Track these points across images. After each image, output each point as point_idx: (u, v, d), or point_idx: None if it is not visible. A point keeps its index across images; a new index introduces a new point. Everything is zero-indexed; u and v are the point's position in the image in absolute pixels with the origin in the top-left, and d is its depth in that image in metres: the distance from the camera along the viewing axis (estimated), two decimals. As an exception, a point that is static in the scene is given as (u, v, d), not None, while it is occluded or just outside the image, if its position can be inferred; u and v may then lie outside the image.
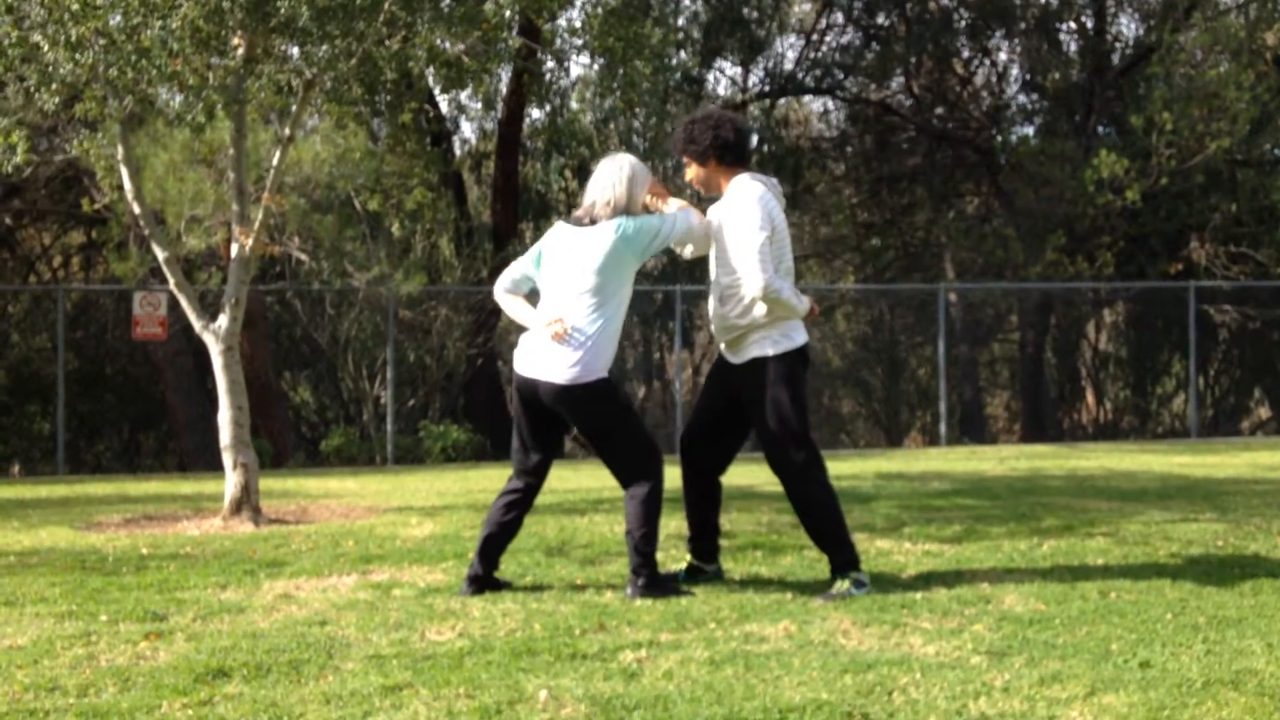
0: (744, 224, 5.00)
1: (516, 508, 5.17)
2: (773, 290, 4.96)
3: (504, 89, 16.90)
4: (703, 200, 5.42)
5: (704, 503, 5.38)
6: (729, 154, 5.16)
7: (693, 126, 5.19)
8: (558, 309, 4.98)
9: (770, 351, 5.07)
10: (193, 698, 3.62)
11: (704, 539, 5.41)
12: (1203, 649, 4.07)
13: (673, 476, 5.45)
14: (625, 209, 4.99)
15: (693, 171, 5.22)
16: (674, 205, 5.20)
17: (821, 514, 5.10)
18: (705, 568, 5.42)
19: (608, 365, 5.00)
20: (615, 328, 5.00)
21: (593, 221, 5.00)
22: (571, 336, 4.91)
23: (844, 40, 21.30)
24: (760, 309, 5.05)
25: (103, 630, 4.53)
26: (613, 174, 5.03)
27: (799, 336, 5.13)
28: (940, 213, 20.32)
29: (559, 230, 5.14)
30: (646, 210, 5.14)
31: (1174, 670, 3.81)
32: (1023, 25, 20.19)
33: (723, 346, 5.29)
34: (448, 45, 7.79)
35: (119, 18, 7.00)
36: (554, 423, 5.12)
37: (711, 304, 5.23)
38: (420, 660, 4.01)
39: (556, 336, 4.92)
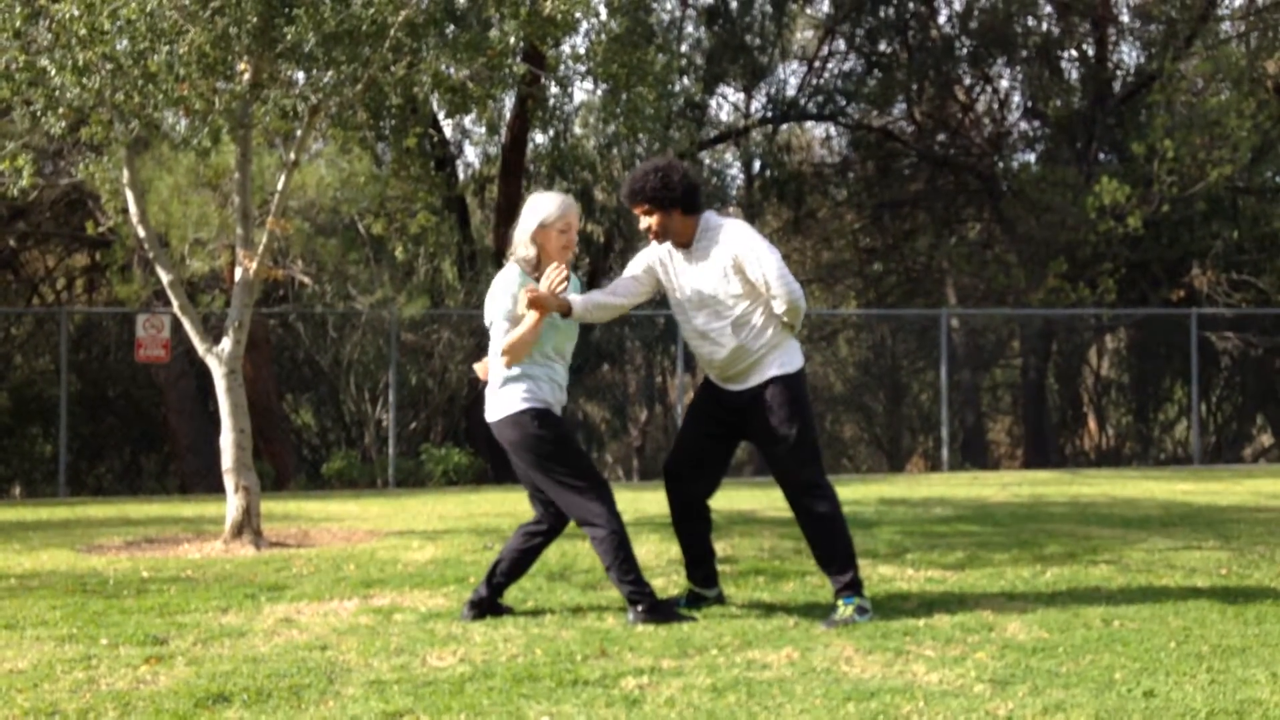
0: (758, 249, 5.08)
1: (536, 538, 5.18)
2: (802, 302, 5.10)
3: (508, 114, 16.98)
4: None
5: (696, 529, 5.38)
6: (694, 200, 5.20)
7: (664, 175, 5.14)
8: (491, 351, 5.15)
9: (788, 370, 5.14)
10: (193, 723, 3.61)
11: (700, 565, 5.40)
12: (1207, 678, 4.05)
13: (665, 501, 5.43)
14: (520, 243, 5.11)
15: (655, 220, 5.16)
16: (511, 335, 4.98)
17: (831, 534, 5.11)
18: (705, 593, 5.40)
19: (536, 400, 4.98)
20: (530, 362, 4.99)
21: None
22: (493, 374, 5.07)
23: (846, 67, 21.41)
24: (773, 330, 5.11)
25: (103, 654, 4.52)
26: (524, 210, 5.20)
27: (801, 356, 5.25)
28: (942, 238, 20.37)
29: None
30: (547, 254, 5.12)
31: (1178, 700, 3.79)
32: (1024, 53, 20.29)
33: (716, 378, 5.27)
34: (453, 71, 7.83)
35: (126, 43, 7.05)
36: None
37: (720, 338, 5.15)
38: (421, 686, 4.00)
39: (480, 376, 5.15)
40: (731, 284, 5.10)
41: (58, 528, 9.21)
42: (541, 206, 5.13)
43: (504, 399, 5.02)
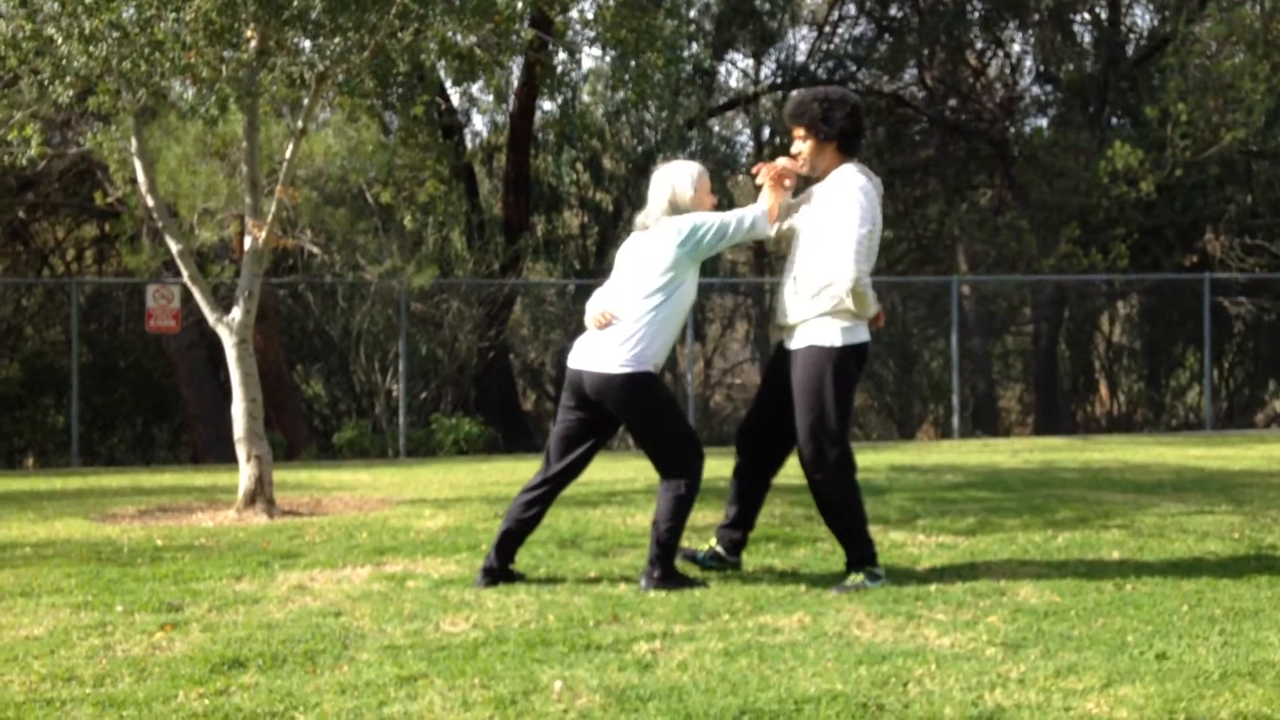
0: (849, 215, 4.97)
1: (537, 505, 5.19)
2: (862, 286, 4.97)
3: (515, 81, 16.89)
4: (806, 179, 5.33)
5: (750, 498, 5.36)
6: (853, 143, 5.13)
7: (830, 108, 5.06)
8: (617, 305, 5.07)
9: (830, 342, 5.03)
10: (209, 688, 3.63)
11: (737, 530, 5.38)
12: (1219, 641, 4.05)
13: (713, 467, 5.42)
14: (681, 209, 5.09)
15: (808, 147, 5.11)
16: (762, 201, 5.18)
17: (845, 512, 5.08)
18: (727, 558, 5.40)
19: (655, 362, 5.03)
20: (670, 326, 5.04)
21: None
22: (621, 328, 4.99)
23: (856, 32, 21.24)
24: (830, 298, 5.01)
25: (118, 621, 4.55)
26: (664, 179, 5.15)
27: (861, 334, 5.09)
28: (953, 205, 20.25)
29: (627, 241, 5.26)
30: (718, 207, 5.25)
31: (1190, 662, 3.79)
32: (1036, 16, 20.08)
33: (783, 331, 5.24)
34: (460, 38, 7.78)
35: (132, 10, 7.01)
36: (596, 424, 5.12)
37: (789, 279, 5.14)
38: (435, 651, 4.02)
39: (600, 324, 5.03)
40: (823, 234, 5.02)
41: (71, 497, 9.26)
42: (688, 172, 5.16)
43: (615, 355, 4.97)
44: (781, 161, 5.22)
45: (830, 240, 4.99)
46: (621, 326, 5.00)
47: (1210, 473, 9.57)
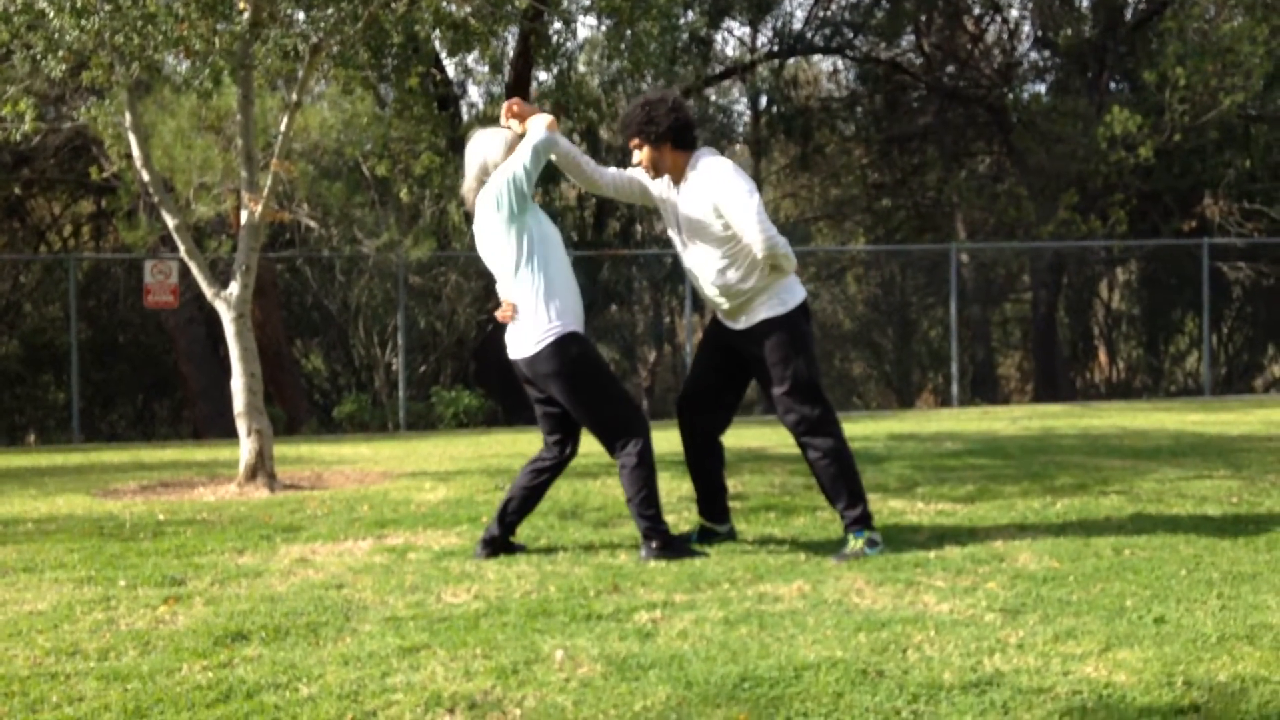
0: (735, 190, 4.99)
1: (543, 474, 5.20)
2: (781, 248, 4.98)
3: (511, 52, 16.78)
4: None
5: (707, 464, 5.39)
6: (686, 135, 5.15)
7: (650, 108, 5.13)
8: (503, 294, 5.08)
9: (777, 311, 5.07)
10: (212, 660, 3.65)
11: (712, 499, 5.42)
12: (1217, 604, 4.07)
13: (676, 440, 5.45)
14: (490, 173, 5.08)
15: (644, 154, 5.16)
16: (532, 122, 5.11)
17: (837, 469, 5.10)
18: (717, 529, 5.43)
19: (569, 317, 4.99)
20: (558, 278, 5.00)
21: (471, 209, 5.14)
22: (519, 313, 4.99)
23: (853, -2, 21.06)
24: (760, 273, 5.04)
25: (122, 595, 4.57)
26: (469, 155, 5.17)
27: (799, 292, 5.16)
28: (951, 172, 20.19)
29: (475, 220, 5.20)
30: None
31: (1188, 625, 3.81)
32: (1034, -20, 19.96)
33: (720, 314, 5.27)
34: (454, 7, 7.73)
35: (124, -17, 6.95)
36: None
37: (707, 276, 5.15)
38: (437, 622, 4.04)
39: (505, 318, 5.04)
40: (715, 225, 5.05)
41: (72, 473, 9.28)
42: (500, 138, 5.15)
43: (533, 338, 4.96)
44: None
45: (730, 221, 4.99)
46: (522, 313, 4.98)
47: (1209, 438, 9.59)
